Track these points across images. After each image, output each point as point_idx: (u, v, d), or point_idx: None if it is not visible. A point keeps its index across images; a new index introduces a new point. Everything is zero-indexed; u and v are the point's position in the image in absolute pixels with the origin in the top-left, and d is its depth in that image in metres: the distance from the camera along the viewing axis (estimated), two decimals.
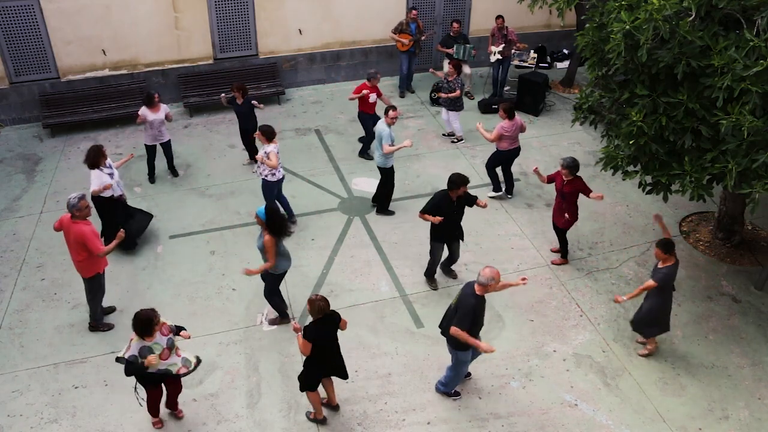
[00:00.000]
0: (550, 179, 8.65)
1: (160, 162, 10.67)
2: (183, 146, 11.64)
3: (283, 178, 9.19)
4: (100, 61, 12.28)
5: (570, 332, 7.87)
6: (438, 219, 7.78)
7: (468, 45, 12.76)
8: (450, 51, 12.76)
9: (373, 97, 10.73)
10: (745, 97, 6.10)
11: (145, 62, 12.58)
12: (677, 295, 8.40)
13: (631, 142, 7.11)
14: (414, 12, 12.79)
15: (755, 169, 6.27)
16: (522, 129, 9.85)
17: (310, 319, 7.94)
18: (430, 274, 8.54)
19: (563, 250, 8.90)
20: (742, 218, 9.08)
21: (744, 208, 8.86)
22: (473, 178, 10.67)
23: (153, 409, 6.58)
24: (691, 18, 6.37)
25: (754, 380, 7.30)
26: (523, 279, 6.76)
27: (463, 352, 6.51)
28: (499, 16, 12.63)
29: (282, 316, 7.89)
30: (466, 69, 13.03)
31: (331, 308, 6.19)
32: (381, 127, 9.33)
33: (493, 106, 12.78)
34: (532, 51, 13.45)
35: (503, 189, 10.27)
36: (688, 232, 9.57)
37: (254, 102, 10.50)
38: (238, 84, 10.35)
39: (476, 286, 6.25)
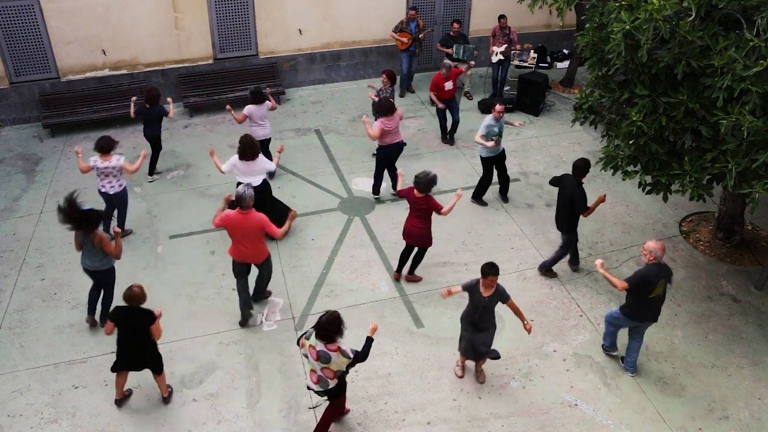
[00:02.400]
0: (402, 194, 8.16)
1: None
2: (183, 146, 11.65)
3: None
4: (100, 61, 12.28)
5: (570, 332, 7.87)
6: (603, 197, 8.04)
7: (469, 45, 12.76)
8: (449, 51, 12.76)
9: (448, 85, 11.14)
10: (745, 97, 6.10)
11: (145, 62, 12.58)
12: (677, 295, 8.42)
13: (631, 142, 7.11)
14: (413, 12, 12.80)
15: (755, 169, 6.27)
16: (400, 118, 9.76)
17: (309, 321, 7.97)
18: (550, 266, 8.69)
19: (414, 264, 8.52)
20: (742, 218, 9.08)
21: (744, 208, 8.86)
22: (472, 178, 10.70)
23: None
24: (691, 18, 6.37)
25: (754, 380, 7.31)
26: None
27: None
28: (502, 16, 12.62)
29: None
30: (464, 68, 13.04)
31: (145, 307, 6.42)
32: (504, 117, 9.64)
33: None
34: (532, 51, 13.44)
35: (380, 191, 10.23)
36: (688, 232, 9.57)
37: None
38: (151, 89, 10.26)
39: (655, 260, 6.63)
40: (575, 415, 6.88)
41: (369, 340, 6.11)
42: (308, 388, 6.17)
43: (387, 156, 9.87)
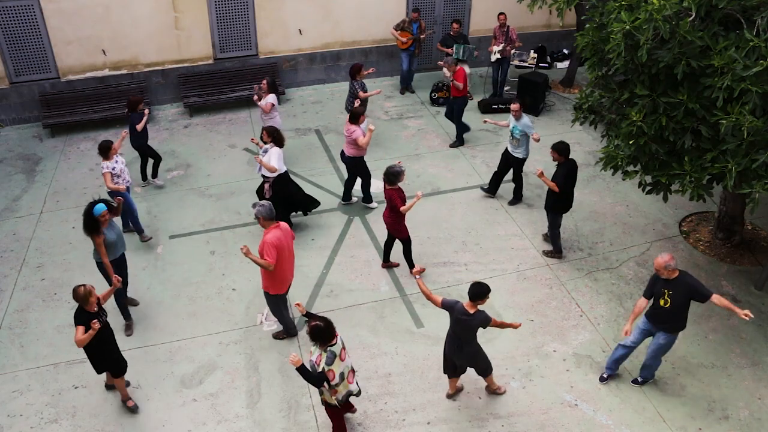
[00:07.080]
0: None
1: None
2: (183, 146, 11.65)
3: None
4: (100, 61, 12.28)
5: (570, 332, 7.87)
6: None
7: (469, 45, 12.76)
8: (449, 51, 12.77)
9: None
10: (745, 97, 6.10)
11: (145, 62, 12.58)
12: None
13: (631, 142, 7.11)
14: (415, 14, 12.82)
15: (755, 169, 6.27)
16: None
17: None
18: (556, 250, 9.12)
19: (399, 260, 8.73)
20: (742, 218, 9.08)
21: (744, 208, 8.86)
22: (473, 179, 10.71)
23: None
24: (691, 18, 6.37)
25: (754, 380, 7.30)
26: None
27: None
28: (501, 13, 12.63)
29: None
30: (466, 69, 13.02)
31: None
32: (523, 121, 9.52)
33: (493, 106, 12.80)
34: (532, 51, 13.44)
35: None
36: (688, 232, 9.57)
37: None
38: (131, 96, 10.13)
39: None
40: (575, 415, 6.88)
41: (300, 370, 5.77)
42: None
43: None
